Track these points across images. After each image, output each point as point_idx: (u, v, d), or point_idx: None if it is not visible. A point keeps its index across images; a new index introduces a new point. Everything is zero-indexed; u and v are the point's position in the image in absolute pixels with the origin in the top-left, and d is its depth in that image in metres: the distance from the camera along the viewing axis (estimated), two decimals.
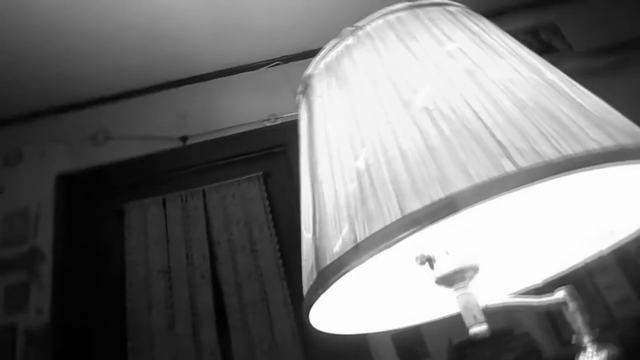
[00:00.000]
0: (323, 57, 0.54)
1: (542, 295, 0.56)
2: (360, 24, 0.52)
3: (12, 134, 2.13)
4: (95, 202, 1.99)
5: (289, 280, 1.77)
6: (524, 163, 0.33)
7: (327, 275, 0.39)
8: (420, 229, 0.33)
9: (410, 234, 0.34)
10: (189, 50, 2.06)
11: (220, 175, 2.00)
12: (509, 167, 0.33)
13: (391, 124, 0.40)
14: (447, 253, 0.51)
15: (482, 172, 0.34)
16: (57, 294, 1.74)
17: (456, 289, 0.51)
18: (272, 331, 1.69)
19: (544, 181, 0.32)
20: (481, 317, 0.50)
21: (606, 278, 1.71)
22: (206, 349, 1.67)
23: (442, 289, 0.53)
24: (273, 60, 2.24)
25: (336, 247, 0.39)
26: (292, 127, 2.01)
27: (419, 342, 1.65)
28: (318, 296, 0.40)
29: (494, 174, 0.33)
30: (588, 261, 0.59)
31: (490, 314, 0.52)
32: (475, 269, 0.51)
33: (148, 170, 2.03)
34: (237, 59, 2.20)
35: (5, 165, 2.06)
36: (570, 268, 0.60)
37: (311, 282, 0.42)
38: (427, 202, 0.34)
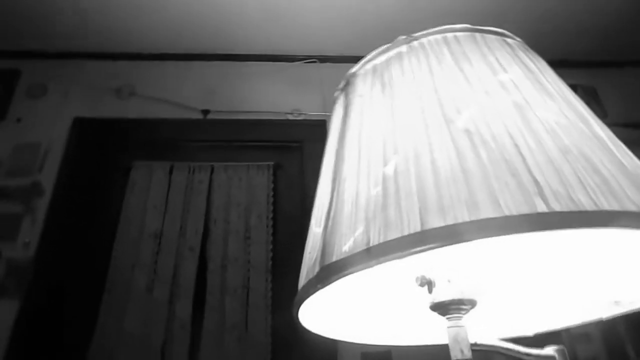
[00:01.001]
0: (371, 59, 0.54)
1: (532, 348, 0.55)
2: (416, 35, 0.52)
3: (41, 68, 2.15)
4: (106, 152, 1.99)
5: (275, 274, 1.77)
6: (557, 207, 0.32)
7: (331, 272, 0.38)
8: (438, 247, 0.33)
9: (427, 249, 0.33)
10: (232, 28, 2.06)
11: (232, 156, 2.00)
12: (541, 207, 0.32)
13: (429, 137, 0.39)
14: (449, 281, 0.50)
15: (512, 206, 0.33)
16: (48, 231, 1.74)
17: (449, 319, 0.50)
18: (246, 319, 1.68)
19: (575, 229, 0.31)
20: (468, 353, 0.49)
21: (588, 350, 1.69)
22: (178, 320, 1.66)
23: (434, 316, 0.53)
24: (310, 57, 2.24)
25: (346, 246, 0.38)
26: (313, 127, 2.02)
27: None
28: (316, 290, 0.40)
29: (525, 210, 0.32)
30: (585, 324, 0.57)
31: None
32: (473, 304, 0.51)
33: (163, 135, 2.03)
34: (276, 47, 2.20)
35: (28, 97, 2.08)
36: (566, 327, 0.59)
37: (311, 276, 0.41)
38: (451, 221, 0.33)
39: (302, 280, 0.44)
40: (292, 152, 2.03)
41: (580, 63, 2.32)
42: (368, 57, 0.54)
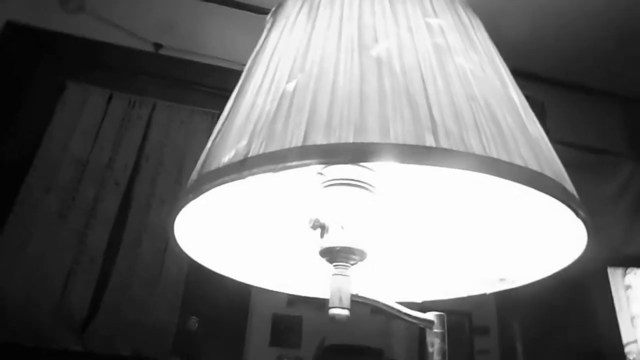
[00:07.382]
0: None
1: (414, 311, 0.55)
2: None
3: None
4: (42, 65, 1.83)
5: None
6: (446, 144, 0.31)
7: (203, 180, 0.35)
8: (315, 163, 0.30)
9: (302, 165, 0.30)
10: None
11: (178, 96, 1.90)
12: (430, 142, 0.30)
13: (338, 59, 0.37)
14: (342, 228, 0.49)
15: (401, 135, 0.31)
16: None
17: (335, 267, 0.49)
18: (162, 264, 1.62)
19: (457, 168, 0.30)
20: (347, 303, 0.48)
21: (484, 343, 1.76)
22: (89, 252, 1.58)
23: (323, 262, 0.51)
24: None
25: (226, 157, 0.35)
26: None
27: (296, 332, 1.65)
28: (187, 201, 0.36)
29: (412, 141, 0.30)
30: (468, 296, 0.58)
31: (367, 333, 0.50)
32: (362, 255, 0.49)
33: (107, 61, 1.89)
34: None
35: None
36: (450, 297, 0.59)
37: (188, 186, 0.38)
38: (334, 140, 0.31)
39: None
40: None
41: (533, 76, 2.37)
42: None
